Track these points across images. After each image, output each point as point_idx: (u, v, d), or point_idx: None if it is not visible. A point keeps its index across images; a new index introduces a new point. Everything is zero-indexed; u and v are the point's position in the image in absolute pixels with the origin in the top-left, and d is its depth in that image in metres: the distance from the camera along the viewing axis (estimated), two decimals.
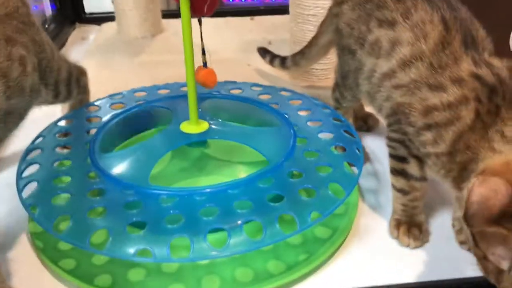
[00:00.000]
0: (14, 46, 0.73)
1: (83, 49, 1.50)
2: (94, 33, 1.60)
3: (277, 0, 1.87)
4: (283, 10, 1.36)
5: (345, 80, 0.88)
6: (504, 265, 0.54)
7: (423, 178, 0.74)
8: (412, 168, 0.73)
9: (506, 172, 0.57)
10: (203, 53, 0.85)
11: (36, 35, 0.81)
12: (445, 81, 0.66)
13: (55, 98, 0.88)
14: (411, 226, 0.76)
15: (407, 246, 0.75)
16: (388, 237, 0.77)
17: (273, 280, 0.68)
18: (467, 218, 0.53)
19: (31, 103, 0.80)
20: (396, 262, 0.73)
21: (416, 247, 0.75)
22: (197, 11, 0.78)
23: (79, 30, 1.65)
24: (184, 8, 0.75)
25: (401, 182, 0.75)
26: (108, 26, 1.63)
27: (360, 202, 0.83)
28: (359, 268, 0.72)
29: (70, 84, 0.90)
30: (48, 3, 1.62)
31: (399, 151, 0.74)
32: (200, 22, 0.82)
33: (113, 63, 1.39)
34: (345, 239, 0.76)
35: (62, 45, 1.52)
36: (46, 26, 1.55)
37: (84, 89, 0.97)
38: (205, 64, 0.85)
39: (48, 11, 1.62)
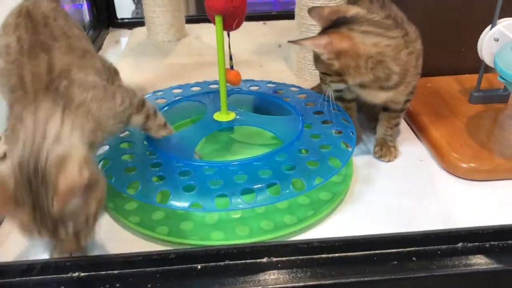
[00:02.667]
0: None
1: (117, 51, 1.73)
2: (126, 37, 1.82)
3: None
4: (292, 15, 1.48)
5: None
6: None
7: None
8: None
9: None
10: (231, 58, 1.09)
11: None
12: None
13: None
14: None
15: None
16: (375, 199, 1.00)
17: (287, 229, 0.90)
18: None
19: None
20: (380, 217, 0.95)
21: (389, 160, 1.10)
22: (227, 27, 1.00)
23: (113, 34, 1.87)
24: (218, 26, 0.98)
25: None
26: (138, 31, 1.85)
27: (354, 173, 1.06)
28: (351, 221, 0.94)
29: None
30: (87, 11, 1.85)
31: None
32: (228, 35, 1.05)
33: (144, 65, 1.59)
34: (342, 200, 0.99)
35: (99, 48, 1.74)
36: (86, 32, 1.79)
37: None
38: (231, 67, 1.09)
39: (87, 17, 1.86)
